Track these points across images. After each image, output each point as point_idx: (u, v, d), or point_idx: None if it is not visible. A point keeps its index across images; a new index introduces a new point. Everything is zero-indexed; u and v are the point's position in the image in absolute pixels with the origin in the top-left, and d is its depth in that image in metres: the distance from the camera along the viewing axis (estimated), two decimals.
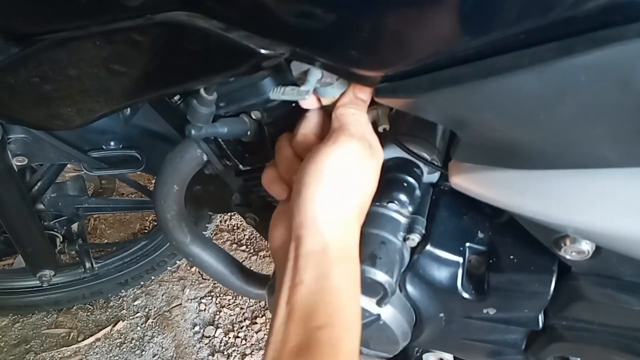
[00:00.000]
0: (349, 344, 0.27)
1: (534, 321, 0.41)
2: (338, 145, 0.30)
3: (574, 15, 0.21)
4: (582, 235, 0.34)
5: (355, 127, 0.31)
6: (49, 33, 0.30)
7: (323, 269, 0.28)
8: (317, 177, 0.29)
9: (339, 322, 0.27)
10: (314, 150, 0.30)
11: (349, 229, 0.30)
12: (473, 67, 0.24)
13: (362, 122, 0.32)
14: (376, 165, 0.33)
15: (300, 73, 0.32)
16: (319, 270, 0.28)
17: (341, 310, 0.27)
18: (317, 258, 0.28)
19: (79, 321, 0.99)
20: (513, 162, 0.30)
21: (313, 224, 0.28)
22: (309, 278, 0.27)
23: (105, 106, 0.35)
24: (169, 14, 0.27)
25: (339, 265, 0.28)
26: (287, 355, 0.25)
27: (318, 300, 0.27)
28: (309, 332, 0.26)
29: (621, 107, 0.23)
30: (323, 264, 0.28)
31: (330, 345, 0.25)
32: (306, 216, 0.29)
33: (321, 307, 0.26)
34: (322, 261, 0.28)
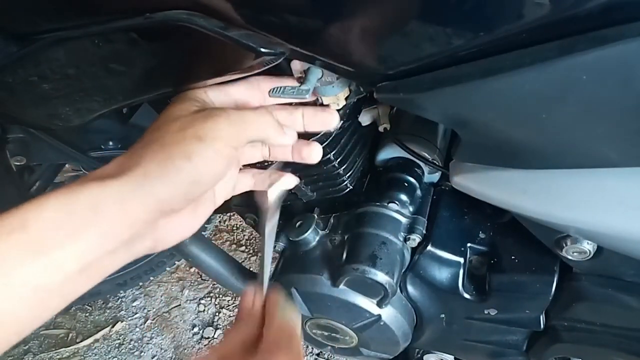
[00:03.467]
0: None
1: (536, 322, 0.41)
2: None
3: (575, 14, 0.21)
4: (584, 236, 0.34)
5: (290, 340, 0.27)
6: (47, 32, 0.30)
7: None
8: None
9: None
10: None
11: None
12: (474, 66, 0.24)
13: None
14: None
15: (300, 72, 0.31)
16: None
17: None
18: None
19: (78, 322, 0.99)
20: (514, 161, 0.30)
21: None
22: None
23: (104, 106, 0.35)
24: (169, 12, 0.27)
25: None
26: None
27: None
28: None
29: (622, 106, 0.23)
30: None
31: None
32: None
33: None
34: None
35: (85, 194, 0.23)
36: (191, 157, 0.25)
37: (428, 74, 0.25)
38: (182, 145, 0.25)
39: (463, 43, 0.23)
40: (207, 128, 0.26)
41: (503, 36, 0.23)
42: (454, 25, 0.23)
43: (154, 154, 0.25)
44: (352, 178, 0.42)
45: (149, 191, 0.24)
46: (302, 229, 0.43)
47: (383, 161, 0.45)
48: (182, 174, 0.25)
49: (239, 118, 0.27)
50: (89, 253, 0.22)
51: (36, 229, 0.21)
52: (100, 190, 0.23)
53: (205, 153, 0.25)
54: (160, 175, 0.24)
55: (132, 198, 0.24)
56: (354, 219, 0.43)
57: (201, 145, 0.25)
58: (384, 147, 0.44)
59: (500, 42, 0.23)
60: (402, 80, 0.27)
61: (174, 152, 0.25)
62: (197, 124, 0.26)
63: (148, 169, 0.24)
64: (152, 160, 0.25)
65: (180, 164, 0.25)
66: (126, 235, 0.24)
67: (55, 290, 0.22)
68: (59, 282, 0.22)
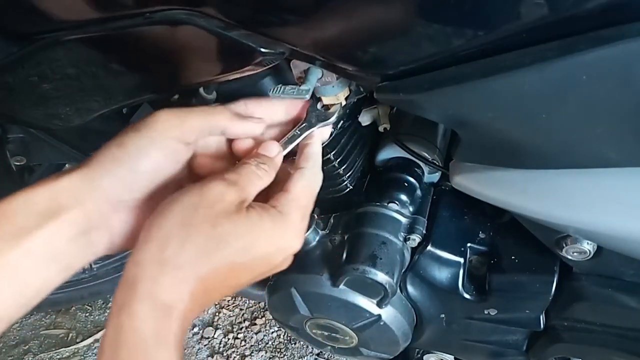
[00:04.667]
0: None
1: (536, 322, 0.41)
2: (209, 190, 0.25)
3: (575, 14, 0.21)
4: (584, 236, 0.34)
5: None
6: (47, 32, 0.30)
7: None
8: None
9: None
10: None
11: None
12: (474, 66, 0.24)
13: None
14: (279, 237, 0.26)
15: (300, 72, 0.31)
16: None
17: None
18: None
19: (78, 322, 0.99)
20: (514, 161, 0.30)
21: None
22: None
23: (103, 105, 0.35)
24: (168, 12, 0.27)
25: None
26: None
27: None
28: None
29: (622, 106, 0.23)
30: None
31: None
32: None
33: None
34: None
35: (46, 187, 0.25)
36: (125, 145, 0.26)
37: (428, 74, 0.25)
38: (119, 137, 0.27)
39: (463, 43, 0.23)
40: (145, 121, 0.27)
41: (503, 36, 0.23)
42: (454, 25, 0.23)
43: (109, 152, 0.27)
44: (352, 178, 0.42)
45: (95, 183, 0.26)
46: None
47: (383, 161, 0.45)
48: (118, 162, 0.26)
49: (181, 110, 0.28)
50: (54, 240, 0.25)
51: (8, 220, 0.24)
52: (56, 183, 0.26)
53: (139, 142, 0.26)
54: (101, 166, 0.26)
55: (82, 189, 0.26)
56: (354, 219, 0.43)
57: (136, 134, 0.27)
58: (384, 147, 0.44)
59: (500, 42, 0.23)
60: (402, 80, 0.27)
61: (127, 150, 0.26)
62: (148, 121, 0.27)
63: (93, 163, 0.26)
64: (107, 156, 0.27)
65: (115, 153, 0.26)
66: (83, 224, 0.26)
67: (31, 281, 0.24)
68: (28, 267, 0.24)
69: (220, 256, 0.24)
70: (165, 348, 0.23)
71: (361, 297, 0.42)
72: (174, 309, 0.23)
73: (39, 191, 0.25)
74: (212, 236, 0.24)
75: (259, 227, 0.25)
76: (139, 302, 0.23)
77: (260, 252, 0.26)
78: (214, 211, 0.25)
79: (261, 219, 0.26)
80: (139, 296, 0.23)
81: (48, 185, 0.25)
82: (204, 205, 0.25)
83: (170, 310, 0.23)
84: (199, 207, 0.25)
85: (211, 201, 0.25)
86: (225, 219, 0.25)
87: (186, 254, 0.24)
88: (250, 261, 0.26)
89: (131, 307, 0.23)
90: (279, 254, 0.27)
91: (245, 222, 0.25)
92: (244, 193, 0.26)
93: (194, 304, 0.24)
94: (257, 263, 0.26)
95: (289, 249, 0.27)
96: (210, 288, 0.25)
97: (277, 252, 0.27)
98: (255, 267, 0.26)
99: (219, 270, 0.24)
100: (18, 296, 0.24)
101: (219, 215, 0.25)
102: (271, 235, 0.26)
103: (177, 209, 0.25)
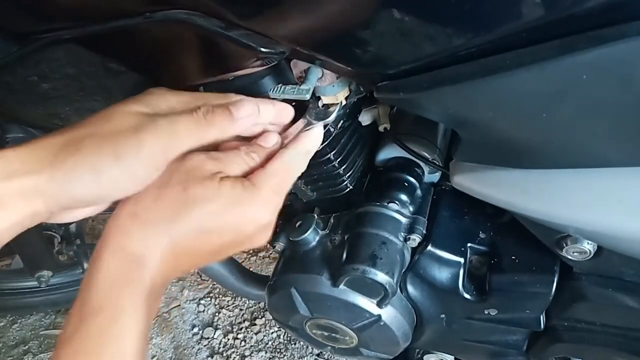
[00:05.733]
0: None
1: (536, 322, 0.41)
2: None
3: (575, 14, 0.21)
4: (584, 235, 0.34)
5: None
6: (47, 32, 0.30)
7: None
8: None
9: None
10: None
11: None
12: (474, 65, 0.24)
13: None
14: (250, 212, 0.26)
15: (300, 72, 0.31)
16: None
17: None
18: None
19: None
20: (515, 161, 0.30)
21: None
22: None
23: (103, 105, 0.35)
24: (168, 12, 0.27)
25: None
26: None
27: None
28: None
29: (622, 105, 0.23)
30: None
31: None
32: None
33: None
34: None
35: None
36: (101, 175, 0.24)
37: (428, 74, 0.25)
38: (97, 161, 0.24)
39: (463, 42, 0.23)
40: (128, 147, 0.24)
41: (503, 35, 0.23)
42: (454, 25, 0.23)
43: (71, 159, 0.24)
44: (352, 178, 0.42)
45: (57, 196, 0.24)
46: (302, 229, 0.43)
47: (383, 161, 0.45)
48: (89, 189, 0.24)
49: (170, 134, 0.25)
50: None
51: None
52: (8, 184, 0.23)
53: (118, 174, 0.24)
54: (70, 185, 0.24)
55: (36, 196, 0.23)
56: (354, 219, 0.43)
57: (115, 165, 0.24)
58: (384, 147, 0.44)
59: (500, 42, 0.23)
60: (402, 79, 0.27)
61: (86, 166, 0.24)
62: (120, 141, 0.24)
63: (63, 175, 0.23)
64: (70, 167, 0.24)
65: (89, 179, 0.24)
66: (26, 222, 0.24)
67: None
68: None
69: (189, 218, 0.25)
70: (132, 294, 0.23)
71: (361, 297, 0.42)
72: (144, 261, 0.24)
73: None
74: (183, 197, 0.25)
75: (229, 195, 0.26)
76: (109, 251, 0.24)
77: (229, 219, 0.26)
78: (189, 176, 0.25)
79: (233, 188, 0.26)
80: (109, 246, 0.24)
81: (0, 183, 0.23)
82: (181, 170, 0.26)
83: (141, 261, 0.24)
84: (176, 171, 0.25)
85: (189, 167, 0.26)
86: (198, 183, 0.25)
87: (157, 211, 0.25)
88: (219, 227, 0.26)
89: (101, 256, 0.24)
90: (249, 224, 0.27)
91: (217, 188, 0.25)
92: (223, 167, 0.26)
93: (165, 266, 0.25)
94: (226, 230, 0.26)
95: (258, 219, 0.27)
96: (179, 251, 0.25)
97: (247, 222, 0.27)
98: (224, 233, 0.26)
99: (188, 233, 0.25)
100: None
101: (193, 179, 0.25)
102: (240, 203, 0.26)
103: (158, 174, 0.26)
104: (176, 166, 0.26)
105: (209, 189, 0.25)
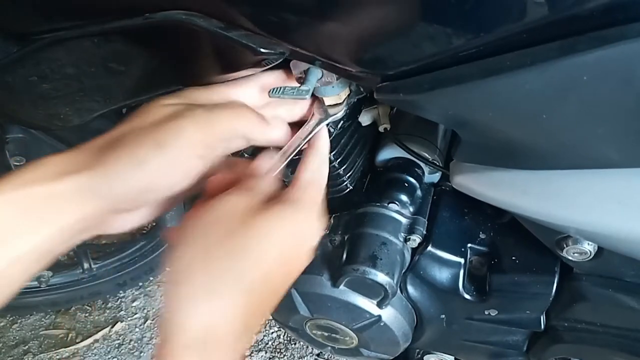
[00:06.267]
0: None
1: (536, 322, 0.41)
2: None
3: (576, 15, 0.21)
4: (584, 236, 0.34)
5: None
6: (47, 32, 0.30)
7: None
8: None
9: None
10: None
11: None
12: (475, 66, 0.24)
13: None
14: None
15: (300, 72, 0.31)
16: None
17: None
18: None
19: (77, 322, 0.99)
20: (515, 162, 0.30)
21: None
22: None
23: (103, 105, 0.35)
24: (168, 13, 0.27)
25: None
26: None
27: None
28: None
29: (623, 106, 0.23)
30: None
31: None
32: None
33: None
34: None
35: (43, 188, 0.23)
36: (143, 164, 0.24)
37: (428, 75, 0.25)
38: (138, 151, 0.24)
39: (463, 43, 0.23)
40: (168, 134, 0.24)
41: (503, 36, 0.23)
42: (454, 26, 0.23)
43: (113, 154, 0.24)
44: (352, 178, 0.42)
45: (103, 193, 0.24)
46: None
47: (383, 161, 0.45)
48: (133, 180, 0.24)
49: (207, 120, 0.26)
50: (46, 244, 0.23)
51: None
52: (57, 185, 0.23)
53: (161, 161, 0.24)
54: (114, 179, 0.24)
55: (87, 198, 0.23)
56: (354, 219, 0.43)
57: (157, 152, 0.24)
58: (384, 147, 0.44)
59: (500, 42, 0.23)
60: (402, 80, 0.27)
61: (129, 157, 0.24)
62: (160, 129, 0.25)
63: (106, 170, 0.24)
64: (113, 161, 0.24)
65: (132, 170, 0.24)
66: (79, 227, 0.24)
67: (14, 279, 0.23)
68: (17, 272, 0.23)
69: (253, 262, 0.23)
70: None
71: (361, 297, 0.42)
72: (209, 341, 0.21)
73: (35, 192, 0.22)
74: (238, 245, 0.23)
75: (280, 219, 0.24)
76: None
77: (289, 242, 0.24)
78: (230, 219, 0.24)
79: (281, 211, 0.24)
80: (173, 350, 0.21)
81: (47, 185, 0.23)
82: (218, 218, 0.24)
83: (205, 345, 0.21)
84: (214, 224, 0.24)
85: (224, 212, 0.24)
86: (243, 222, 0.24)
87: (215, 279, 0.22)
88: (279, 256, 0.24)
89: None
90: (308, 239, 0.26)
91: (267, 219, 0.24)
92: (254, 196, 0.25)
93: (238, 325, 0.22)
94: (287, 255, 0.24)
95: (314, 229, 0.26)
96: (252, 301, 0.23)
97: (306, 237, 0.25)
98: (286, 261, 0.24)
99: (257, 277, 0.23)
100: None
101: (235, 220, 0.24)
102: (295, 222, 0.25)
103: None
104: (211, 218, 0.24)
105: (260, 222, 0.24)
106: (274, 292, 0.25)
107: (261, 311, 0.24)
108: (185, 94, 0.28)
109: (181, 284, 0.23)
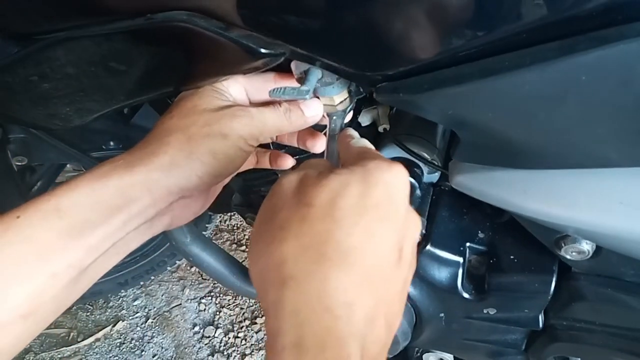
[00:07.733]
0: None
1: (535, 321, 0.41)
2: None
3: (575, 15, 0.21)
4: (583, 235, 0.34)
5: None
6: (48, 32, 0.30)
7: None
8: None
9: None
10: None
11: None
12: (474, 67, 0.24)
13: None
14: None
15: (300, 72, 0.31)
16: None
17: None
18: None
19: (79, 321, 0.99)
20: (514, 161, 0.30)
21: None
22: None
23: (104, 106, 0.35)
24: (169, 13, 0.27)
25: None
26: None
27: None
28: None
29: (622, 106, 0.23)
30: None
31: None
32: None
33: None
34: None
35: (115, 179, 0.25)
36: (217, 154, 0.27)
37: (427, 75, 0.25)
38: (208, 142, 0.27)
39: (463, 43, 0.24)
40: (232, 127, 0.28)
41: (503, 36, 0.23)
42: (453, 26, 0.23)
43: (180, 144, 0.27)
44: None
45: (174, 180, 0.26)
46: None
47: None
48: (207, 167, 0.27)
49: (261, 119, 0.29)
50: (119, 233, 0.25)
51: (70, 214, 0.23)
52: (129, 175, 0.25)
53: (230, 151, 0.27)
54: (186, 167, 0.26)
55: (158, 185, 0.26)
56: None
57: (226, 143, 0.27)
58: (383, 147, 0.44)
59: (500, 42, 0.23)
60: (401, 80, 0.27)
61: (200, 148, 0.27)
62: (223, 122, 0.28)
63: (175, 159, 0.26)
64: (179, 150, 0.26)
65: (206, 160, 0.27)
66: (150, 215, 0.26)
67: (90, 269, 0.25)
68: (94, 263, 0.24)
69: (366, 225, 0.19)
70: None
71: None
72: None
73: (106, 185, 0.24)
74: (355, 207, 0.19)
75: (359, 176, 0.21)
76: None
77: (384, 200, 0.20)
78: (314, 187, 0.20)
79: (352, 171, 0.21)
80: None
81: (117, 178, 0.25)
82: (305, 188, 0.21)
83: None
84: (302, 194, 0.20)
85: (302, 183, 0.21)
86: (327, 187, 0.20)
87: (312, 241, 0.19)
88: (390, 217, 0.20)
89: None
90: (400, 193, 0.22)
91: (346, 179, 0.20)
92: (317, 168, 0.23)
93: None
94: (393, 218, 0.20)
95: (400, 182, 0.22)
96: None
97: (396, 192, 0.21)
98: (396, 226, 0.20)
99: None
100: (73, 288, 0.24)
101: (318, 188, 0.20)
102: (369, 176, 0.21)
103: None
104: (288, 193, 0.21)
105: (345, 177, 0.20)
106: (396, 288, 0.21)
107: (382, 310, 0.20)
108: (222, 87, 0.31)
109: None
